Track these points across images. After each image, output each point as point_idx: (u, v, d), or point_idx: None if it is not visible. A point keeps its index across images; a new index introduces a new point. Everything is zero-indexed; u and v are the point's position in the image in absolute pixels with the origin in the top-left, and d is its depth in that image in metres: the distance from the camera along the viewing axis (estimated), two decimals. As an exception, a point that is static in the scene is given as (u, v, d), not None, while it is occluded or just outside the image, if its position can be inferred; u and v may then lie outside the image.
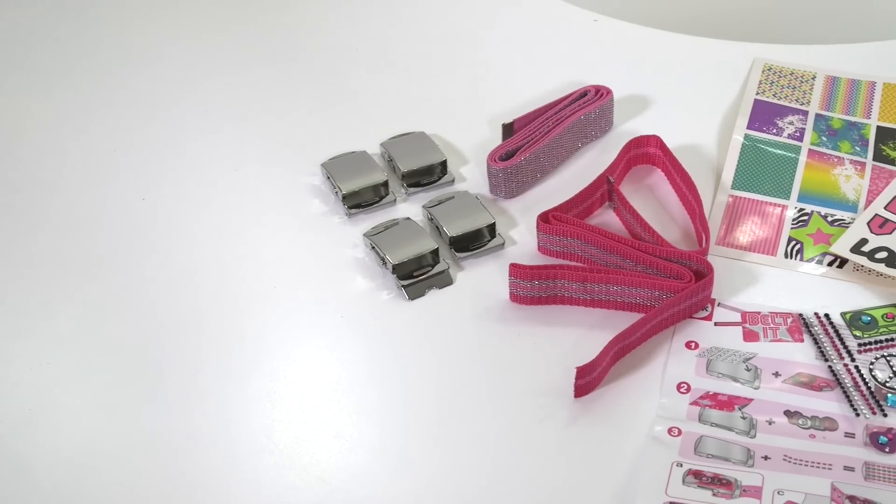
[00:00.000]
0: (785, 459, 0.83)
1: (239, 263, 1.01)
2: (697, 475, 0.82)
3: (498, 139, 1.08)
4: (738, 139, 1.09)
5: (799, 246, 1.00)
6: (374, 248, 0.99)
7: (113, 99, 1.19)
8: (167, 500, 0.85)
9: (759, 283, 0.97)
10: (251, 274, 1.00)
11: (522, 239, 1.02)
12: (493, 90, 1.17)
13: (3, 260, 1.03)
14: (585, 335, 0.93)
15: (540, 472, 0.85)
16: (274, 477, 0.86)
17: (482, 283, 0.98)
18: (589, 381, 0.88)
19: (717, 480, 0.82)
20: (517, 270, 0.94)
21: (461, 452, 0.87)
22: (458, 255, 1.00)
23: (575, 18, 1.26)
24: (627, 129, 1.12)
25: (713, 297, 0.95)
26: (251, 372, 0.93)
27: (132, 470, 0.87)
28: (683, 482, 0.82)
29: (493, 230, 1.01)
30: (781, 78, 1.15)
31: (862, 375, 0.89)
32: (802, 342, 0.92)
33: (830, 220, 1.01)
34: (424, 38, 1.25)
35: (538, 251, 1.00)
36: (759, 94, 1.13)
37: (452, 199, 1.03)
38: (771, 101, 1.13)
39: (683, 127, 1.10)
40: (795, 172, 1.06)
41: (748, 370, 0.90)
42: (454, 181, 1.07)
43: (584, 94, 1.10)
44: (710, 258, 0.97)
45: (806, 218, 1.02)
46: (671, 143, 1.06)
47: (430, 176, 1.07)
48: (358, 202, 1.05)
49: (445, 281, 0.98)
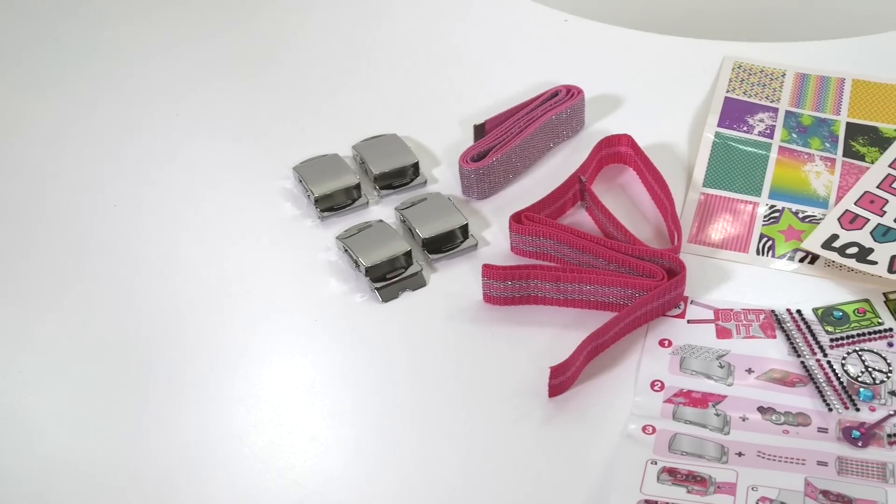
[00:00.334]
0: (759, 455, 0.84)
1: (212, 268, 1.01)
2: (672, 472, 0.82)
3: (470, 140, 1.08)
4: (708, 137, 1.09)
5: (770, 243, 1.00)
6: (346, 250, 0.99)
7: (83, 105, 1.19)
8: (142, 506, 0.85)
9: (731, 280, 0.98)
10: (224, 278, 1.00)
11: (495, 240, 1.02)
12: (464, 91, 1.17)
13: (-27, 268, 1.03)
14: (559, 335, 0.93)
15: (515, 472, 0.85)
16: (249, 481, 0.86)
17: (455, 284, 0.98)
18: (563, 380, 0.89)
19: (691, 478, 0.82)
20: (490, 271, 0.94)
21: (436, 454, 0.87)
22: (431, 256, 1.00)
23: (545, 19, 1.26)
24: (599, 128, 1.12)
25: (686, 294, 0.96)
26: (225, 376, 0.93)
27: (106, 475, 0.86)
28: (658, 480, 0.82)
29: (465, 231, 1.01)
30: (751, 76, 1.16)
31: (834, 370, 0.89)
32: (775, 338, 0.92)
33: (801, 216, 1.02)
34: (395, 40, 1.25)
35: (511, 251, 1.01)
36: (729, 91, 1.14)
37: (425, 200, 1.03)
38: (741, 98, 1.13)
39: (654, 126, 1.11)
40: (766, 169, 1.06)
41: (721, 367, 0.90)
42: (426, 183, 1.07)
43: (555, 94, 1.10)
44: (682, 256, 0.97)
45: (777, 215, 1.02)
46: (642, 141, 1.06)
47: (402, 178, 1.07)
48: (330, 205, 1.05)
49: (419, 283, 0.98)
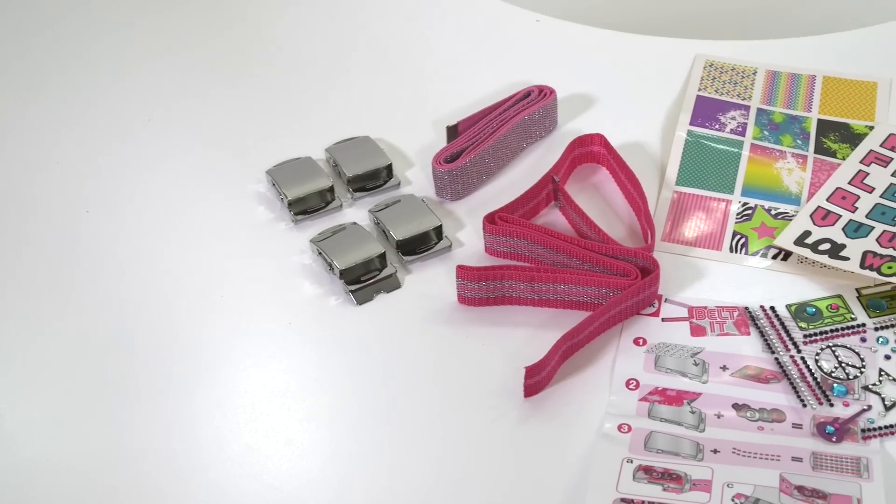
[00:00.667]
0: (734, 452, 0.84)
1: (185, 273, 1.01)
2: (648, 471, 0.83)
3: (443, 141, 1.08)
4: (681, 135, 1.09)
5: (743, 240, 1.00)
6: (321, 253, 0.99)
7: (55, 111, 1.18)
8: (117, 513, 0.85)
9: (705, 277, 0.98)
10: (198, 283, 1.00)
11: (469, 240, 1.02)
12: (437, 93, 1.17)
13: (-55, 276, 1.02)
14: (534, 335, 0.93)
15: (492, 472, 0.85)
16: (225, 486, 0.86)
17: (430, 285, 0.98)
18: (538, 380, 0.89)
19: (667, 475, 0.82)
20: (464, 272, 0.94)
21: (412, 455, 0.87)
22: (405, 258, 1.00)
23: (517, 19, 1.26)
24: (572, 128, 1.12)
25: (660, 293, 0.96)
26: (200, 382, 0.92)
27: (82, 482, 0.86)
28: (634, 478, 0.82)
29: (439, 233, 1.01)
30: (723, 74, 1.16)
31: (808, 366, 0.90)
32: (749, 335, 0.93)
33: (774, 213, 1.02)
34: (367, 42, 1.25)
35: (485, 252, 1.01)
36: (701, 90, 1.14)
37: (398, 202, 1.03)
38: (713, 96, 1.13)
39: (627, 125, 1.11)
40: (738, 167, 1.06)
41: (696, 365, 0.91)
42: (400, 185, 1.07)
43: (527, 94, 1.11)
44: (655, 254, 0.97)
45: (750, 212, 1.03)
46: (615, 141, 1.06)
47: (375, 180, 1.07)
48: (304, 208, 1.04)
49: (393, 285, 0.98)
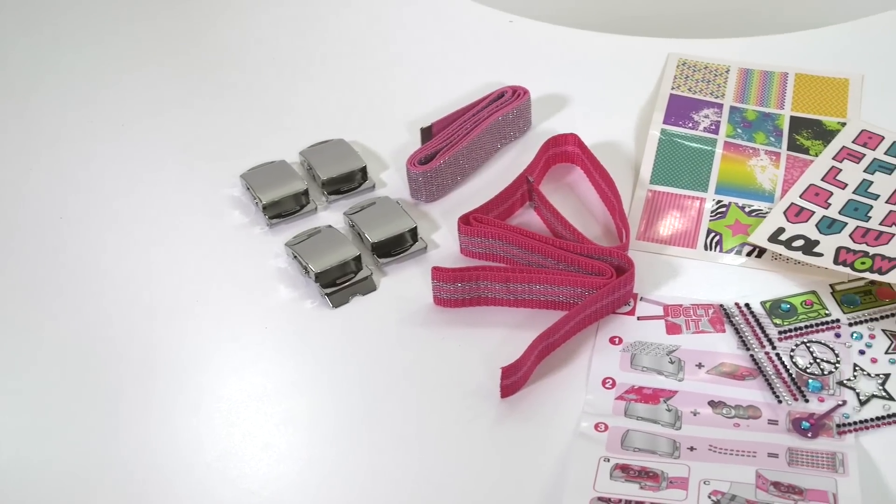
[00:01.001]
0: (710, 449, 0.84)
1: (161, 278, 1.01)
2: (625, 469, 0.83)
3: (417, 143, 1.08)
4: (654, 134, 1.10)
5: (718, 237, 1.01)
6: (296, 257, 0.99)
7: (27, 117, 1.18)
8: (94, 520, 0.84)
9: (680, 275, 0.98)
10: (174, 288, 1.00)
11: (445, 242, 1.02)
12: (410, 94, 1.17)
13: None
14: (510, 335, 0.93)
15: (469, 473, 0.85)
16: (203, 492, 0.85)
17: (406, 287, 0.98)
18: (514, 380, 0.89)
19: (644, 473, 0.82)
20: (440, 273, 0.95)
21: (390, 457, 0.87)
22: (380, 260, 1.00)
23: (490, 20, 1.26)
24: (546, 128, 1.12)
25: (635, 291, 0.96)
26: (176, 388, 0.92)
27: (57, 490, 0.86)
28: (611, 477, 0.82)
29: (415, 234, 1.01)
30: (696, 72, 1.16)
31: (783, 363, 0.90)
32: (724, 332, 0.93)
33: (748, 210, 1.03)
34: (340, 45, 1.25)
35: (461, 253, 1.01)
36: (674, 88, 1.15)
37: (374, 205, 1.03)
38: (686, 95, 1.14)
39: (601, 124, 1.11)
40: (712, 165, 1.07)
41: (672, 363, 0.91)
42: (375, 187, 1.07)
43: (501, 95, 1.11)
44: (630, 253, 0.97)
45: (724, 209, 1.03)
46: (589, 140, 1.07)
47: (350, 183, 1.07)
48: (279, 212, 1.04)
49: (369, 287, 0.98)
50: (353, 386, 0.92)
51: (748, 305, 0.94)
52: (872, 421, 0.86)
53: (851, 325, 0.93)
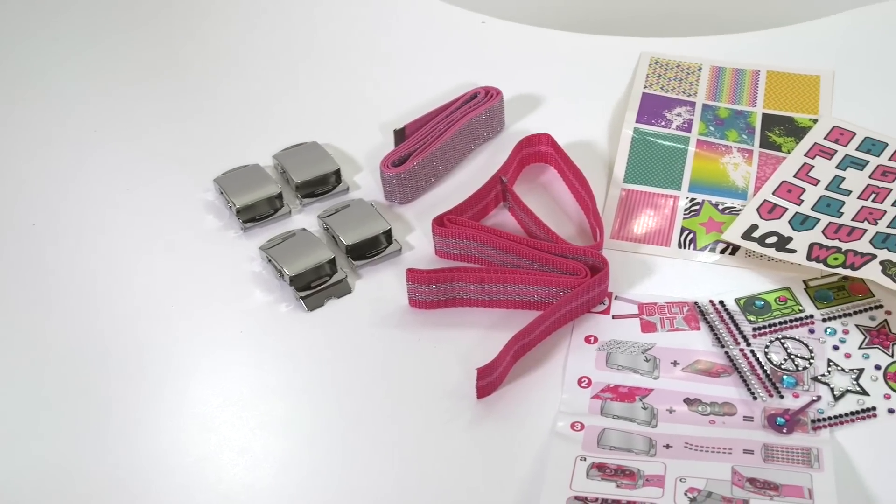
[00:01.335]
0: (686, 447, 0.84)
1: (135, 284, 1.00)
2: (601, 468, 0.83)
3: (390, 145, 1.08)
4: (627, 133, 1.10)
5: (692, 235, 1.01)
6: (270, 261, 0.99)
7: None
8: (70, 528, 0.84)
9: (654, 274, 0.99)
10: (148, 294, 0.99)
11: (419, 244, 1.02)
12: (383, 96, 1.17)
13: None
14: (485, 336, 0.93)
15: (446, 474, 0.85)
16: (180, 497, 0.85)
17: (381, 290, 0.98)
18: (491, 381, 0.89)
19: (620, 472, 0.82)
20: (414, 275, 0.94)
21: (367, 460, 0.86)
22: (355, 263, 1.00)
23: (462, 21, 1.26)
24: (519, 128, 1.12)
25: (610, 290, 0.96)
26: (151, 393, 0.92)
27: (32, 497, 0.85)
28: (587, 476, 0.82)
29: (389, 236, 1.01)
30: (668, 71, 1.17)
31: (758, 359, 0.90)
32: (699, 330, 0.93)
33: (721, 208, 1.03)
34: (312, 47, 1.24)
35: (435, 255, 1.01)
36: (646, 87, 1.15)
37: (348, 207, 1.03)
38: (658, 93, 1.14)
39: (574, 124, 1.11)
40: (685, 163, 1.07)
41: (647, 361, 0.91)
42: (349, 189, 1.07)
43: (474, 95, 1.11)
44: (605, 252, 0.98)
45: (697, 207, 1.03)
46: (562, 140, 1.07)
47: (324, 186, 1.07)
48: (253, 216, 1.04)
49: (344, 290, 0.98)
50: (329, 389, 0.91)
51: (722, 303, 0.95)
52: (847, 416, 0.86)
53: (825, 320, 0.93)
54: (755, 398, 0.88)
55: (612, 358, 0.92)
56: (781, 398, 0.88)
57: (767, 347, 0.91)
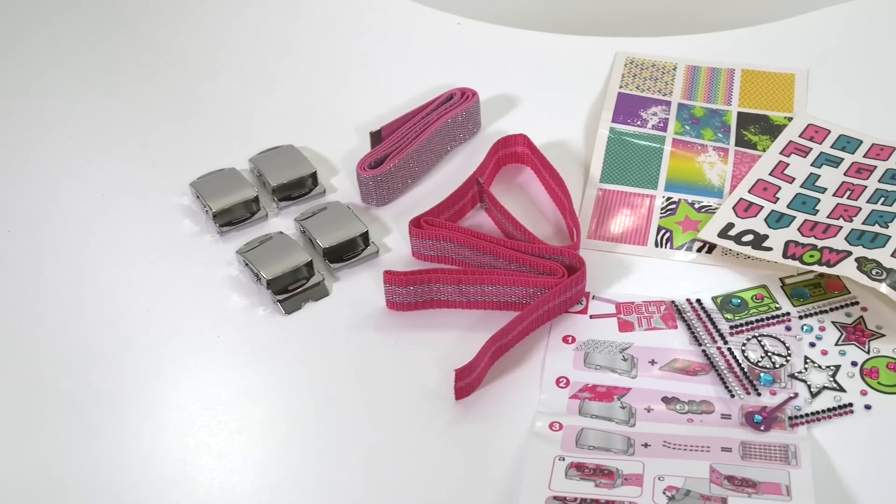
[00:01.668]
0: (664, 445, 0.84)
1: (112, 289, 1.00)
2: (580, 468, 0.83)
3: (367, 147, 1.08)
4: (603, 133, 1.10)
5: (668, 234, 1.01)
6: (247, 264, 0.99)
7: (-27, 130, 1.17)
8: (48, 535, 0.84)
9: (631, 273, 0.99)
10: (125, 299, 0.99)
11: (397, 245, 1.02)
12: (359, 98, 1.17)
13: None
14: (463, 337, 0.93)
15: (425, 475, 0.85)
16: (158, 502, 0.85)
17: (358, 292, 0.98)
18: (469, 382, 0.89)
19: (599, 471, 0.83)
20: (392, 277, 0.94)
21: (346, 463, 0.86)
22: (332, 266, 1.00)
23: (438, 22, 1.26)
24: (495, 129, 1.12)
25: (587, 290, 0.97)
26: (129, 398, 0.91)
27: (7, 502, 0.85)
28: (566, 475, 0.82)
29: (366, 239, 1.01)
30: (643, 70, 1.17)
31: (735, 357, 0.91)
32: (676, 329, 0.93)
33: (697, 206, 1.03)
34: (287, 50, 1.24)
35: (413, 256, 1.01)
36: (622, 87, 1.15)
37: (325, 210, 1.03)
38: (634, 93, 1.14)
39: (550, 124, 1.12)
40: (661, 162, 1.07)
41: (625, 360, 0.91)
42: (325, 192, 1.07)
43: (450, 97, 1.11)
44: (582, 252, 0.98)
45: (674, 206, 1.03)
46: (539, 140, 1.07)
47: (300, 189, 1.07)
48: (229, 220, 1.04)
49: (321, 293, 0.98)
50: (307, 392, 0.91)
51: (699, 301, 0.95)
52: (824, 412, 0.87)
53: (801, 317, 0.93)
54: (733, 396, 0.88)
55: (589, 357, 0.92)
56: (759, 396, 0.88)
57: (744, 345, 0.92)
